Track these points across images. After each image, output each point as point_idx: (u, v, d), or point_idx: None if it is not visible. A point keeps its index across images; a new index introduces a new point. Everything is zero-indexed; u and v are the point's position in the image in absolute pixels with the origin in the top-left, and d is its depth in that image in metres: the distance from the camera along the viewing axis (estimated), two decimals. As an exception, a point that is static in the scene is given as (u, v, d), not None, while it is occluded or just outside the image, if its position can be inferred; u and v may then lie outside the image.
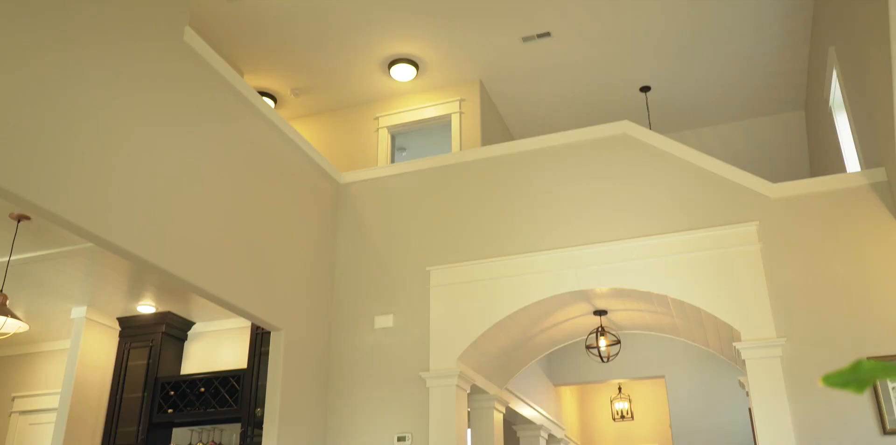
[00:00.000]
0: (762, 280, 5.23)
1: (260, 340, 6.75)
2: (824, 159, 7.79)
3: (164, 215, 4.49)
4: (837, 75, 6.22)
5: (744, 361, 5.10)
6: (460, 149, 7.84)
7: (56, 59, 3.83)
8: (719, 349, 6.15)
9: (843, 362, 4.94)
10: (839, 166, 6.82)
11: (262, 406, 6.29)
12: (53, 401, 7.65)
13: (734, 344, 5.16)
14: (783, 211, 5.41)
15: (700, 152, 5.74)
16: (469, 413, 6.73)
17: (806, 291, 5.16)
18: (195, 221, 4.77)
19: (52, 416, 7.52)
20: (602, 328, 6.39)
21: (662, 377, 9.39)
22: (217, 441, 6.83)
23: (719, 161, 5.68)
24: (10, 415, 8.00)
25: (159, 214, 4.45)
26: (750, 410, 7.84)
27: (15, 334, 7.33)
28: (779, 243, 5.33)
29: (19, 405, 8.01)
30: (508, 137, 8.96)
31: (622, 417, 10.94)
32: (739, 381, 6.71)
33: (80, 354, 6.95)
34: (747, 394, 5.62)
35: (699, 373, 9.23)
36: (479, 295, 5.86)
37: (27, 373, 8.17)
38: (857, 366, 0.61)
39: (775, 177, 8.45)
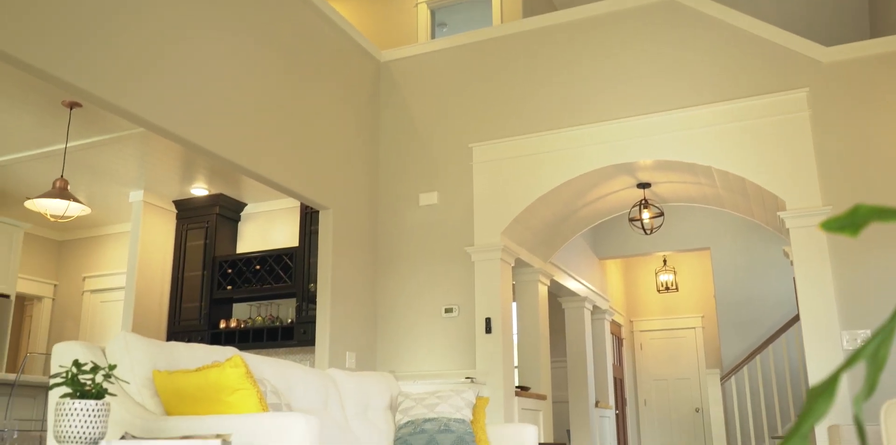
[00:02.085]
0: (810, 148, 5.14)
1: (309, 219, 6.96)
2: (886, 22, 7.40)
3: (210, 98, 4.55)
4: (903, -72, 5.80)
5: (788, 230, 5.11)
6: (501, 23, 7.62)
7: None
8: (764, 219, 6.16)
9: (888, 230, 4.92)
10: (900, 28, 6.48)
11: (315, 282, 6.58)
12: (121, 280, 8.09)
13: (779, 213, 5.16)
14: (835, 76, 5.23)
15: (749, 17, 5.50)
16: (514, 286, 6.94)
17: (854, 158, 5.07)
18: (240, 103, 4.83)
19: (121, 294, 7.98)
20: (645, 200, 6.41)
21: (707, 248, 9.46)
22: (275, 314, 7.20)
23: (769, 25, 5.44)
24: (82, 294, 8.51)
25: (205, 97, 4.51)
26: (794, 279, 7.92)
27: (79, 217, 7.67)
28: (829, 109, 5.19)
29: (90, 284, 8.50)
30: (551, 8, 8.64)
31: (667, 289, 11.12)
32: (784, 251, 6.75)
33: (141, 236, 7.27)
34: (791, 264, 5.67)
35: (744, 244, 9.27)
36: (522, 170, 5.89)
37: (94, 255, 8.61)
38: (854, 210, 0.63)
39: (834, 43, 8.07)
